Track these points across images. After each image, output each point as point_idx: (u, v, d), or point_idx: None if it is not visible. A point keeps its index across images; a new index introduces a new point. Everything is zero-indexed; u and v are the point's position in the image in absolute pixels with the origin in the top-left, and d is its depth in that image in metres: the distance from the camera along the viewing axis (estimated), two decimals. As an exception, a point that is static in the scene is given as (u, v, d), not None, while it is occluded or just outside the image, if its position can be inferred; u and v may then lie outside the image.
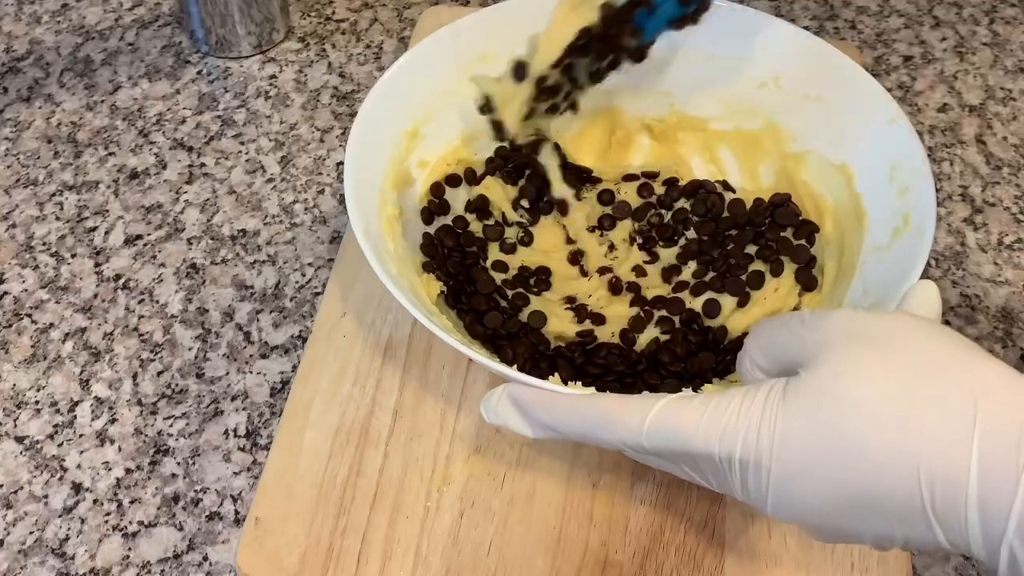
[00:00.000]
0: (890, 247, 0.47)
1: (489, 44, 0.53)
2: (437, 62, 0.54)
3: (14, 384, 0.53)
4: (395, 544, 0.45)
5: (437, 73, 0.54)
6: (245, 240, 0.60)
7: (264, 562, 0.45)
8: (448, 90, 0.54)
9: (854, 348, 0.34)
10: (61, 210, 0.61)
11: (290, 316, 0.56)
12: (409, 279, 0.48)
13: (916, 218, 0.46)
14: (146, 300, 0.57)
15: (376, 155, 0.51)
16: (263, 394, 0.53)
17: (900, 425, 0.31)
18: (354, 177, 0.47)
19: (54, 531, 0.48)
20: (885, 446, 0.31)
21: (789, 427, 0.33)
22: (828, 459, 0.32)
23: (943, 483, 0.30)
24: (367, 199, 0.48)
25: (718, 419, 0.35)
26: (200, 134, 0.65)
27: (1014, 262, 0.59)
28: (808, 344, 0.35)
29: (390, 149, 0.52)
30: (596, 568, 0.45)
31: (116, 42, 0.71)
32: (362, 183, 0.48)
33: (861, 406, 0.32)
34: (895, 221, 0.47)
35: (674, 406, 0.36)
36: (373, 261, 0.44)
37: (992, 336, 0.55)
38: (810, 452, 0.33)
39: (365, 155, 0.49)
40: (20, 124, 0.66)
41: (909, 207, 0.47)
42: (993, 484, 0.30)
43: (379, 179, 0.51)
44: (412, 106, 0.53)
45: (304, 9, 0.73)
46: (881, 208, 0.49)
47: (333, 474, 0.47)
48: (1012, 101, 0.68)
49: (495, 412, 0.40)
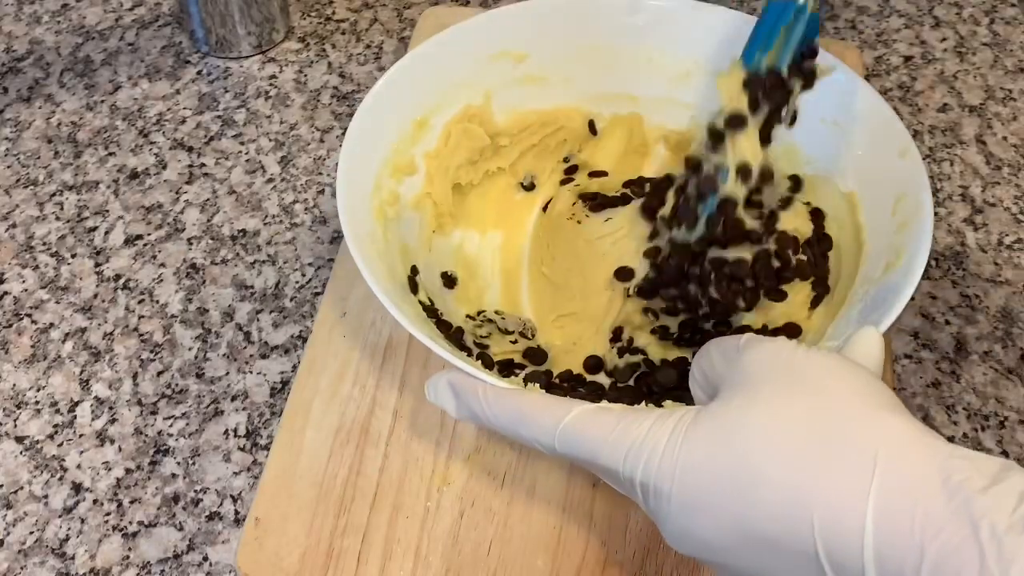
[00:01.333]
0: (878, 281, 0.46)
1: (515, 40, 0.54)
2: (459, 51, 0.53)
3: (14, 384, 0.53)
4: (395, 544, 0.45)
5: (455, 63, 0.53)
6: (245, 240, 0.60)
7: (264, 562, 0.45)
8: (463, 82, 0.54)
9: (772, 382, 0.33)
10: (61, 210, 0.61)
11: (290, 316, 0.56)
12: (393, 270, 0.48)
13: (907, 256, 0.45)
14: (146, 300, 0.57)
15: (378, 139, 0.51)
16: (263, 394, 0.53)
17: (799, 465, 0.30)
18: (351, 157, 0.47)
19: (54, 531, 0.48)
20: (782, 484, 0.30)
21: (692, 456, 0.32)
22: (727, 490, 0.31)
23: (837, 534, 0.29)
24: (360, 181, 0.48)
25: (626, 437, 0.34)
26: (200, 134, 0.65)
27: (1014, 262, 0.59)
28: (735, 371, 0.35)
29: (393, 135, 0.52)
30: (596, 568, 0.45)
31: (116, 42, 0.71)
32: (357, 166, 0.48)
33: (763, 439, 0.31)
34: (889, 255, 0.46)
35: (590, 415, 0.36)
36: (352, 246, 0.45)
37: (992, 336, 0.55)
38: (711, 483, 0.32)
39: (367, 137, 0.49)
40: (20, 124, 0.66)
41: (903, 243, 0.46)
42: (892, 542, 0.28)
43: (376, 164, 0.50)
44: (426, 94, 0.53)
45: (304, 9, 0.73)
46: (879, 241, 0.48)
47: (333, 474, 0.47)
48: (1012, 101, 0.68)
49: (435, 392, 0.42)
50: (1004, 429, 0.52)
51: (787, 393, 0.32)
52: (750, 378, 0.34)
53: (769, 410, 0.32)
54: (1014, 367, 0.54)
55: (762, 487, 0.31)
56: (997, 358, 0.55)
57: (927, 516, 0.28)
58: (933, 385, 0.54)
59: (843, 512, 0.29)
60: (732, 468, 0.31)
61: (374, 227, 0.48)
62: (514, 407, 0.39)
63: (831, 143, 0.52)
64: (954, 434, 0.52)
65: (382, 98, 0.51)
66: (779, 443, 0.31)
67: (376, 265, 0.45)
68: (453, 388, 0.41)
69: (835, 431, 0.31)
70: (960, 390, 0.53)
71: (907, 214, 0.47)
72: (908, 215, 0.47)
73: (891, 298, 0.42)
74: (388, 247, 0.49)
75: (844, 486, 0.29)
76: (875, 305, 0.44)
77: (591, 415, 0.36)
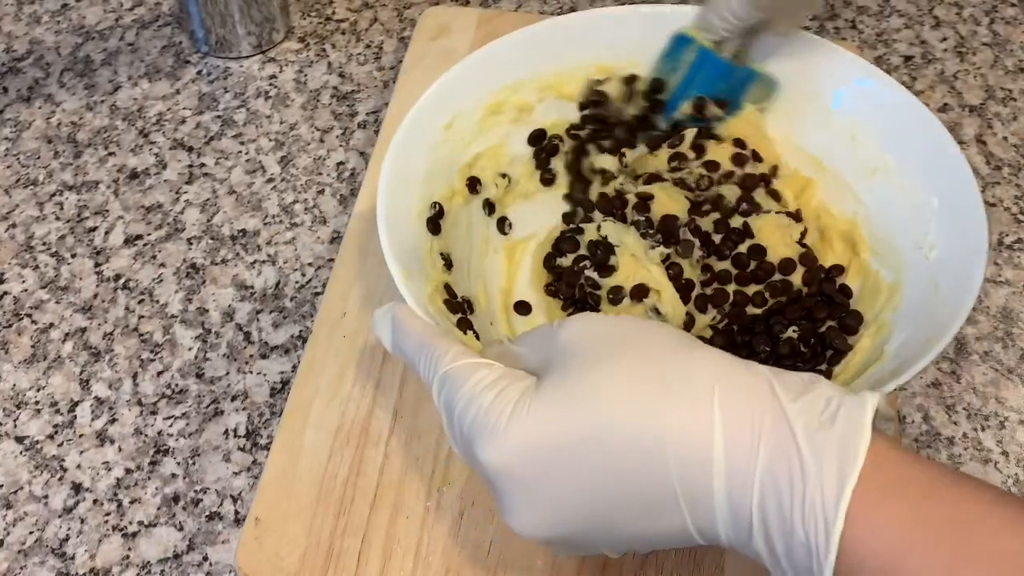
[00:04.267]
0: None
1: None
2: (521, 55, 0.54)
3: (14, 384, 0.53)
4: (395, 544, 0.45)
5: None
6: (245, 240, 0.60)
7: (264, 562, 0.45)
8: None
9: (598, 346, 0.35)
10: (61, 210, 0.61)
11: (290, 316, 0.56)
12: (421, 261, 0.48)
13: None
14: (146, 300, 0.57)
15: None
16: (263, 394, 0.53)
17: (646, 405, 0.33)
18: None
19: (54, 531, 0.48)
20: (634, 426, 0.33)
21: (541, 426, 0.34)
22: (580, 448, 0.33)
23: (690, 459, 0.32)
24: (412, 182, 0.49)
25: (472, 405, 0.36)
26: (200, 134, 0.65)
27: (1014, 262, 0.59)
28: (556, 349, 0.36)
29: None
30: (596, 568, 0.45)
31: (116, 42, 0.71)
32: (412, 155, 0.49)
33: (609, 392, 0.33)
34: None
35: (468, 369, 0.37)
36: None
37: (992, 336, 0.55)
38: (562, 446, 0.33)
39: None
40: (20, 124, 0.66)
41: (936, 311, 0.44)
42: (736, 453, 0.32)
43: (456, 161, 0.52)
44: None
45: (304, 9, 0.73)
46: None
47: (333, 474, 0.47)
48: (1012, 101, 0.68)
49: (379, 322, 0.42)
50: (1004, 429, 0.52)
51: (616, 352, 0.35)
52: (577, 349, 0.35)
53: (606, 367, 0.34)
54: (1014, 367, 0.54)
55: (615, 434, 0.33)
56: (997, 358, 0.55)
57: (761, 425, 0.32)
58: (933, 385, 0.53)
59: (694, 436, 0.32)
60: (583, 425, 0.33)
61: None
62: (423, 344, 0.39)
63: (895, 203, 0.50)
64: (954, 434, 0.52)
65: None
66: (624, 392, 0.33)
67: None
68: (393, 320, 0.41)
69: (670, 370, 0.34)
70: (960, 390, 0.53)
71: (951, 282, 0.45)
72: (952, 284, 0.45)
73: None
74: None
75: (691, 413, 0.32)
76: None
77: (470, 368, 0.37)
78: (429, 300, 0.45)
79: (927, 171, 0.49)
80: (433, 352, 0.39)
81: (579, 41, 0.54)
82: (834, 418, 0.32)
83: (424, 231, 0.49)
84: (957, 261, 0.45)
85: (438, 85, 0.51)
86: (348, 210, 0.61)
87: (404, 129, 0.49)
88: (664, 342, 0.35)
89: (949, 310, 0.43)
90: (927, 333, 0.43)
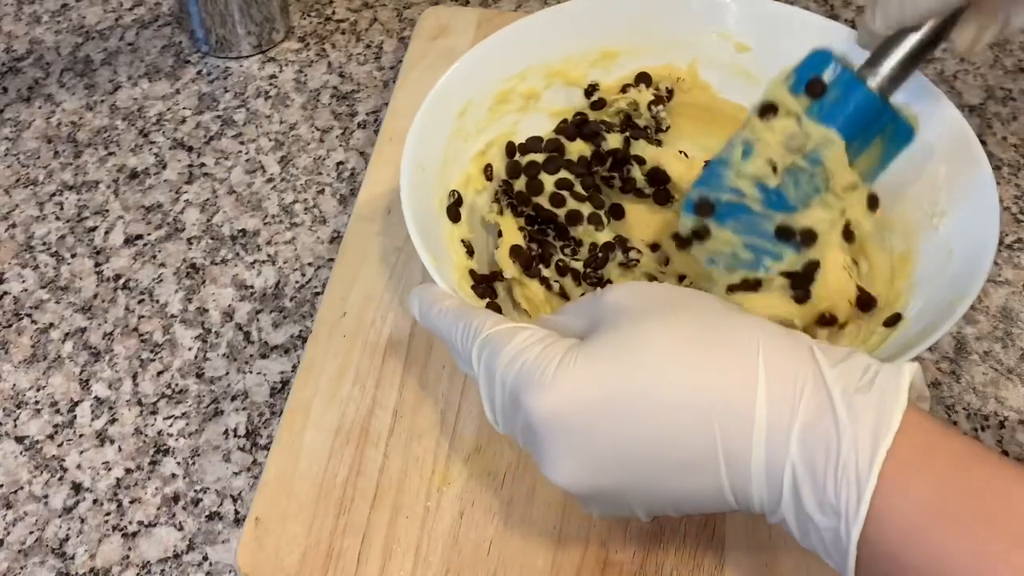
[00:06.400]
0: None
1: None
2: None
3: (14, 384, 0.53)
4: (395, 544, 0.45)
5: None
6: (245, 240, 0.60)
7: (264, 562, 0.45)
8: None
9: (646, 309, 0.36)
10: (61, 210, 0.61)
11: (290, 316, 0.56)
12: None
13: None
14: (146, 300, 0.57)
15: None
16: (263, 394, 0.53)
17: (694, 364, 0.34)
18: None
19: (54, 531, 0.48)
20: (680, 383, 0.33)
21: (590, 372, 0.35)
22: (624, 403, 0.34)
23: (733, 415, 0.33)
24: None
25: (518, 359, 0.36)
26: (200, 134, 0.65)
27: (1014, 262, 0.59)
28: (604, 311, 0.37)
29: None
30: (596, 568, 0.45)
31: (116, 42, 0.71)
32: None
33: (657, 349, 0.34)
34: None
35: (508, 332, 0.38)
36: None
37: (992, 336, 0.55)
38: (606, 400, 0.34)
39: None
40: (20, 124, 0.66)
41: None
42: (777, 411, 0.32)
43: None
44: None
45: (304, 9, 0.73)
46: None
47: (333, 474, 0.47)
48: (1012, 101, 0.68)
49: (414, 299, 0.44)
50: (1004, 429, 0.52)
51: (665, 312, 0.36)
52: (624, 309, 0.36)
53: (654, 325, 0.35)
54: (1014, 367, 0.54)
55: (662, 388, 0.34)
56: (997, 358, 0.55)
57: (803, 386, 0.33)
58: (933, 385, 0.53)
59: (738, 392, 0.33)
60: (630, 377, 0.34)
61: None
62: (455, 312, 0.41)
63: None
64: (954, 434, 0.52)
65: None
66: (672, 347, 0.34)
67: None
68: (426, 296, 0.43)
69: (718, 331, 0.35)
70: (960, 390, 0.53)
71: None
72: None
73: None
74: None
75: (738, 370, 0.33)
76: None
77: (511, 331, 0.38)
78: (458, 286, 0.46)
79: (935, 140, 0.49)
80: (471, 321, 0.39)
81: (585, 27, 0.55)
82: (871, 384, 0.32)
83: (444, 219, 0.50)
84: (970, 226, 0.46)
85: (452, 72, 0.52)
86: (348, 210, 0.61)
87: (421, 117, 0.50)
88: (711, 306, 0.37)
89: (967, 274, 0.44)
90: (948, 297, 0.43)
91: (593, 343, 0.35)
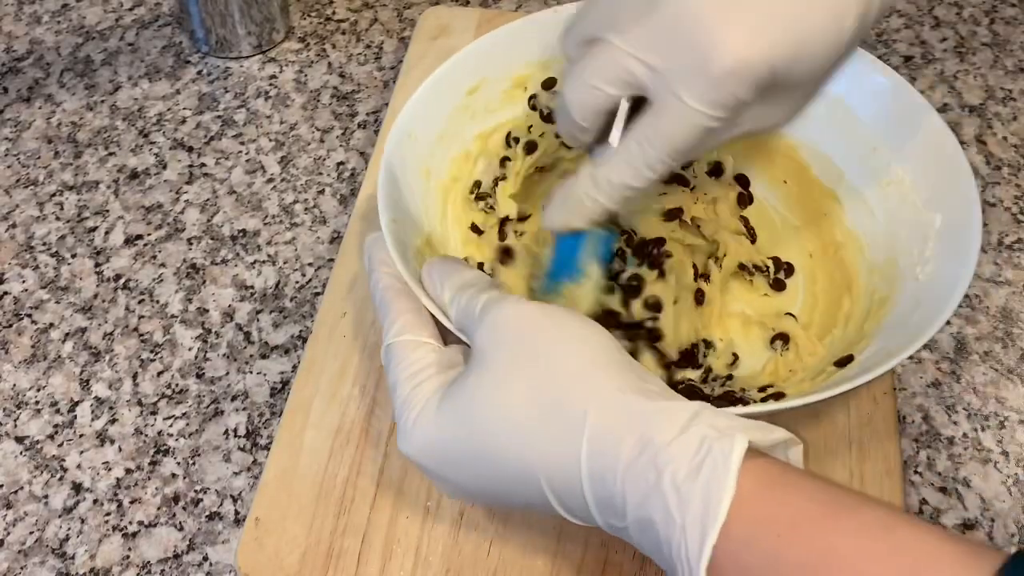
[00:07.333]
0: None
1: None
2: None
3: (14, 384, 0.53)
4: (395, 544, 0.45)
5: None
6: (245, 240, 0.60)
7: (264, 562, 0.45)
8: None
9: (503, 351, 0.37)
10: (61, 210, 0.61)
11: (290, 316, 0.56)
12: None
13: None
14: (146, 300, 0.57)
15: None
16: (263, 394, 0.53)
17: (523, 434, 0.35)
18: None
19: (54, 531, 0.48)
20: (512, 453, 0.36)
21: (441, 432, 0.38)
22: (466, 458, 0.37)
23: (564, 486, 0.35)
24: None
25: (397, 392, 0.40)
26: (200, 134, 0.65)
27: (1014, 262, 0.59)
28: (479, 330, 0.38)
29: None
30: (596, 568, 0.45)
31: (116, 42, 0.71)
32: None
33: (492, 415, 0.36)
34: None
35: (406, 347, 0.41)
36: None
37: (992, 336, 0.55)
38: (451, 452, 0.38)
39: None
40: (20, 124, 0.66)
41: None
42: (602, 492, 0.34)
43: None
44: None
45: (304, 9, 0.73)
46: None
47: (333, 474, 0.47)
48: (1012, 101, 0.68)
49: (366, 251, 0.45)
50: (1004, 429, 0.52)
51: (513, 364, 0.37)
52: (486, 355, 0.38)
53: (498, 386, 0.36)
54: (1014, 367, 0.54)
55: (496, 455, 0.36)
56: (997, 358, 0.55)
57: (627, 469, 0.33)
58: (933, 385, 0.53)
59: (564, 470, 0.35)
60: (471, 440, 0.37)
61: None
62: (382, 294, 0.43)
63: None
64: (954, 434, 0.52)
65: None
66: (505, 417, 0.36)
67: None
68: (369, 261, 0.45)
69: (552, 397, 0.35)
70: (960, 390, 0.53)
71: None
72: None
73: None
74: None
75: (562, 449, 0.35)
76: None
77: (407, 347, 0.41)
78: (416, 253, 0.46)
79: (937, 188, 0.48)
80: (386, 316, 0.42)
81: None
82: (700, 467, 0.32)
83: (424, 185, 0.50)
84: (942, 282, 0.44)
85: (471, 48, 0.52)
86: (348, 210, 0.61)
87: (427, 86, 0.50)
88: (564, 359, 0.36)
89: (924, 322, 0.42)
90: (898, 341, 0.42)
91: (451, 393, 0.38)
